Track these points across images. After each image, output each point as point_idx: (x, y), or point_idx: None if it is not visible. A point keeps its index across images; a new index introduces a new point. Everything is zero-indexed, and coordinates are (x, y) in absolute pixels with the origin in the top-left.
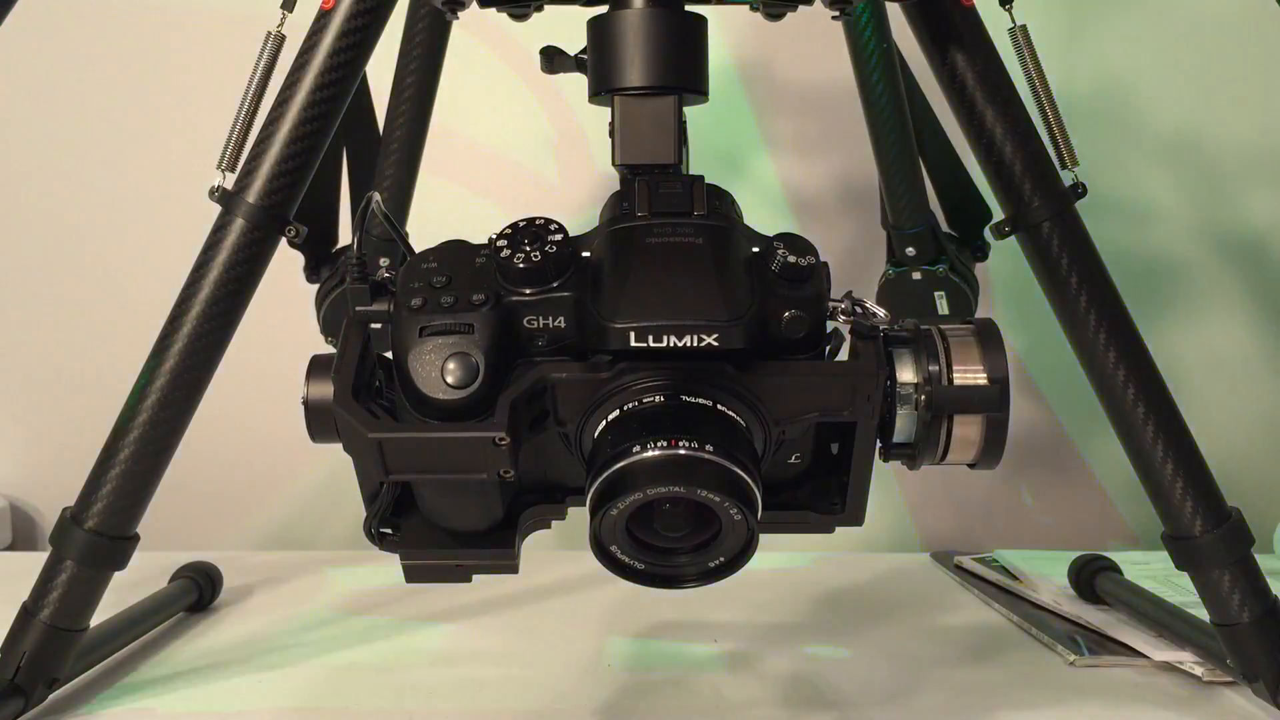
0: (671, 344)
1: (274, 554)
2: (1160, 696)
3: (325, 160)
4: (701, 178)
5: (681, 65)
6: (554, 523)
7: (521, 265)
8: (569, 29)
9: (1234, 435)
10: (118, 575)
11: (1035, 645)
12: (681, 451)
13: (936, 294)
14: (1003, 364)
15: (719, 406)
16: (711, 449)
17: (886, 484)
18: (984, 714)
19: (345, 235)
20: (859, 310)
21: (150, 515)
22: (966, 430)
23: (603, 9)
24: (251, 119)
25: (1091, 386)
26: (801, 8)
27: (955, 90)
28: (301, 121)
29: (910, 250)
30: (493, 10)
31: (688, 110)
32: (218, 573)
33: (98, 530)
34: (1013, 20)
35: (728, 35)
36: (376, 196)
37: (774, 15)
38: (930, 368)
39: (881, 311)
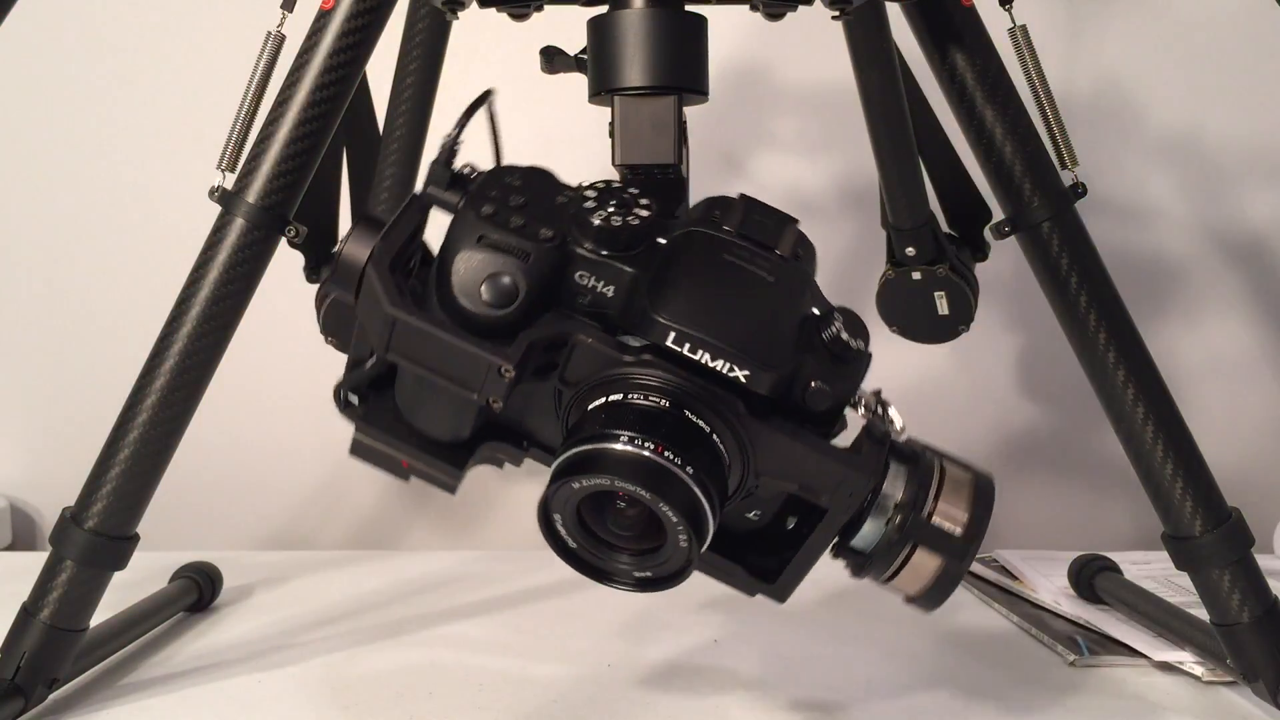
0: (703, 360)
1: (274, 554)
2: (1160, 696)
3: (325, 160)
4: (797, 222)
5: (681, 65)
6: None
7: (598, 223)
8: (569, 29)
9: (1234, 435)
10: (118, 575)
11: (1035, 645)
12: (662, 460)
13: (936, 294)
14: (983, 523)
15: (714, 436)
16: (691, 471)
17: None
18: (984, 714)
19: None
20: (879, 411)
21: (150, 515)
22: (922, 565)
23: (603, 9)
24: (251, 119)
25: (1091, 386)
26: (801, 8)
27: (955, 90)
28: (301, 121)
29: (910, 250)
30: (493, 10)
31: (688, 110)
32: (218, 573)
33: (98, 530)
34: (1013, 20)
35: (728, 35)
36: (494, 93)
37: (774, 15)
38: (918, 494)
39: (900, 422)
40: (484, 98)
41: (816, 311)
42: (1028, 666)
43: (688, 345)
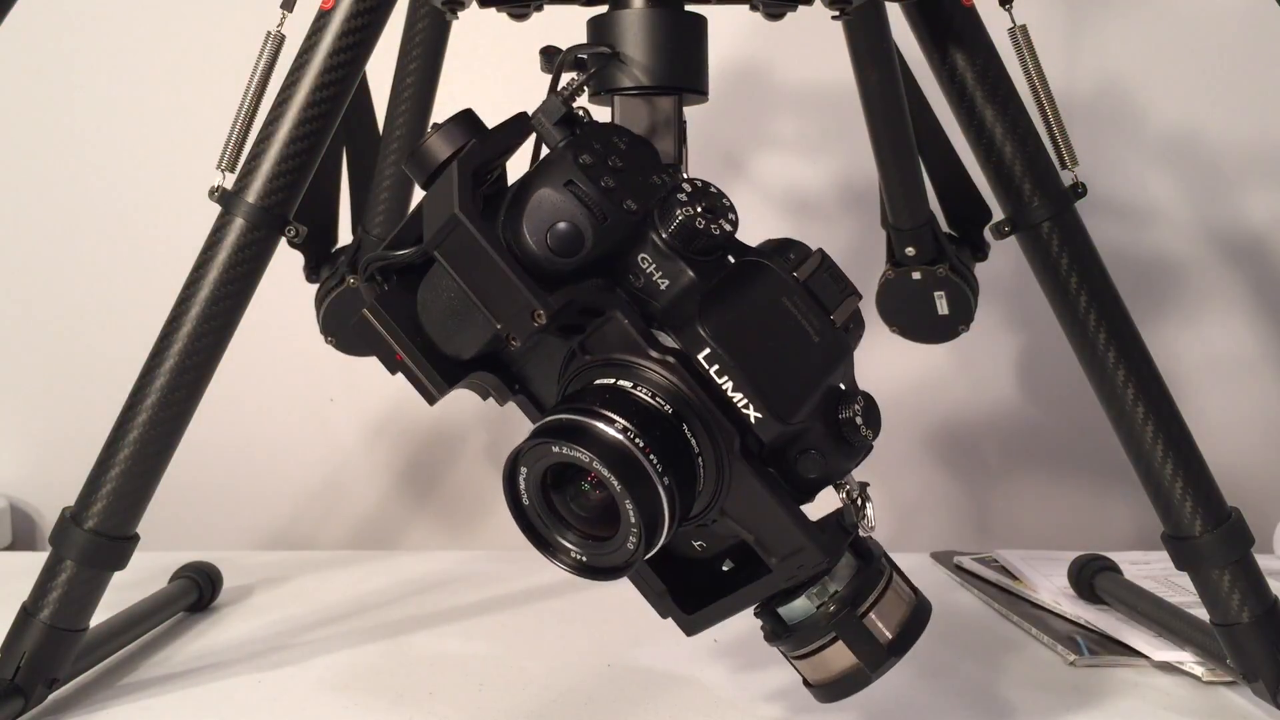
0: (725, 386)
1: (274, 554)
2: (1160, 696)
3: (325, 160)
4: (860, 296)
5: (681, 65)
6: None
7: (681, 218)
8: (569, 29)
9: (1234, 435)
10: (118, 575)
11: (1035, 645)
12: (645, 461)
13: (936, 294)
14: (909, 642)
15: (700, 458)
16: (666, 482)
17: (887, 484)
18: (984, 714)
19: (345, 235)
20: (858, 502)
21: (150, 515)
22: (835, 658)
23: (603, 9)
24: (251, 119)
25: (1091, 386)
26: (801, 8)
27: (955, 90)
28: (301, 121)
29: (910, 250)
30: (492, 10)
31: (688, 110)
32: (218, 573)
33: (98, 530)
34: (1013, 20)
35: (728, 35)
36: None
37: (774, 15)
38: (860, 590)
39: (872, 520)
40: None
41: (843, 387)
42: (1028, 666)
43: (716, 366)
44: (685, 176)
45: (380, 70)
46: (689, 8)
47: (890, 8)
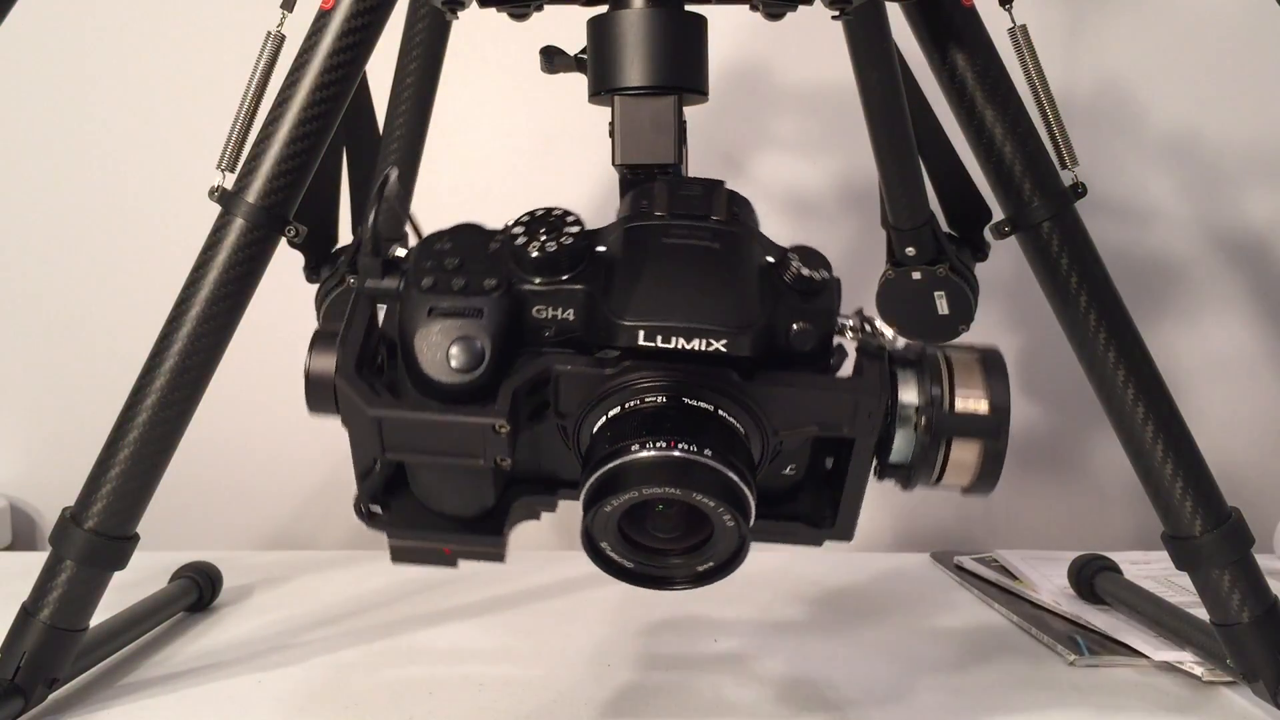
0: (679, 346)
1: (274, 554)
2: (1160, 696)
3: (325, 160)
4: (722, 183)
5: (681, 65)
6: (554, 524)
7: (535, 255)
8: (569, 29)
9: (1234, 435)
10: (118, 575)
11: (1035, 645)
12: (678, 454)
13: (936, 294)
14: (1005, 392)
15: (720, 412)
16: (710, 454)
17: (887, 484)
18: (984, 714)
19: (345, 235)
20: (867, 328)
21: (150, 515)
22: (964, 455)
23: (603, 9)
24: (251, 119)
25: (1091, 386)
26: (801, 8)
27: (955, 90)
28: (301, 121)
29: (910, 250)
30: (492, 10)
31: (687, 110)
32: (218, 573)
33: (98, 530)
34: (1013, 20)
35: (728, 35)
36: (394, 173)
37: (774, 15)
38: (933, 391)
39: (890, 331)
40: (383, 182)
41: (771, 259)
42: (1028, 666)
43: (660, 337)
44: (510, 221)
45: (380, 70)
46: (689, 8)
47: (890, 8)
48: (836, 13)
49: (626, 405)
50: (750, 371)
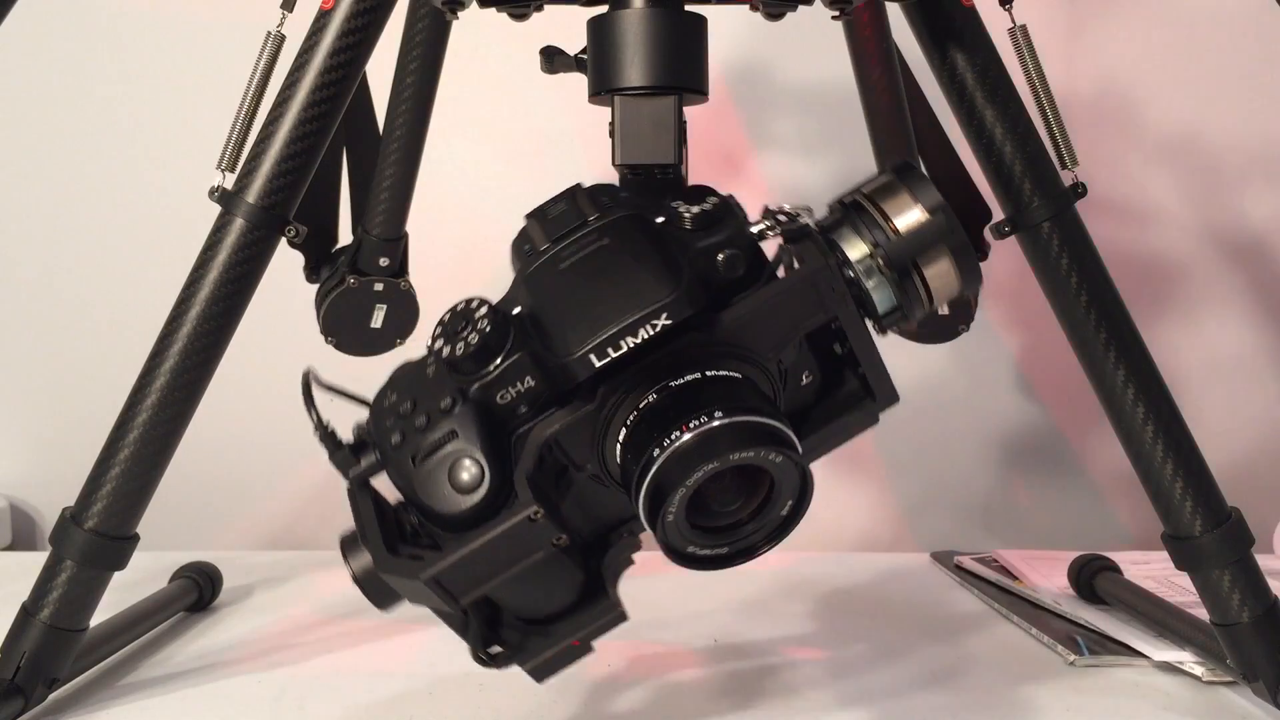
0: (631, 344)
1: (274, 554)
2: (1160, 696)
3: (325, 160)
4: (579, 185)
5: (681, 65)
6: None
7: (466, 352)
8: (569, 29)
9: (1234, 435)
10: (118, 575)
11: (1035, 645)
12: (697, 431)
13: None
14: (934, 194)
15: (708, 373)
16: (721, 413)
17: (887, 484)
18: (983, 714)
19: (345, 235)
20: (782, 219)
21: (150, 515)
22: (937, 267)
23: (603, 9)
24: (251, 119)
25: (1092, 386)
26: (801, 8)
27: (955, 90)
28: (301, 121)
29: None
30: (493, 10)
31: (687, 110)
32: (218, 573)
33: (98, 530)
34: (1013, 20)
35: (728, 35)
36: (313, 371)
37: (774, 15)
38: (873, 232)
39: (804, 209)
40: (305, 381)
41: (661, 218)
42: (1028, 666)
43: (610, 349)
44: (428, 341)
45: (380, 70)
46: (689, 8)
47: (890, 8)
48: (836, 13)
49: (629, 422)
50: (708, 322)
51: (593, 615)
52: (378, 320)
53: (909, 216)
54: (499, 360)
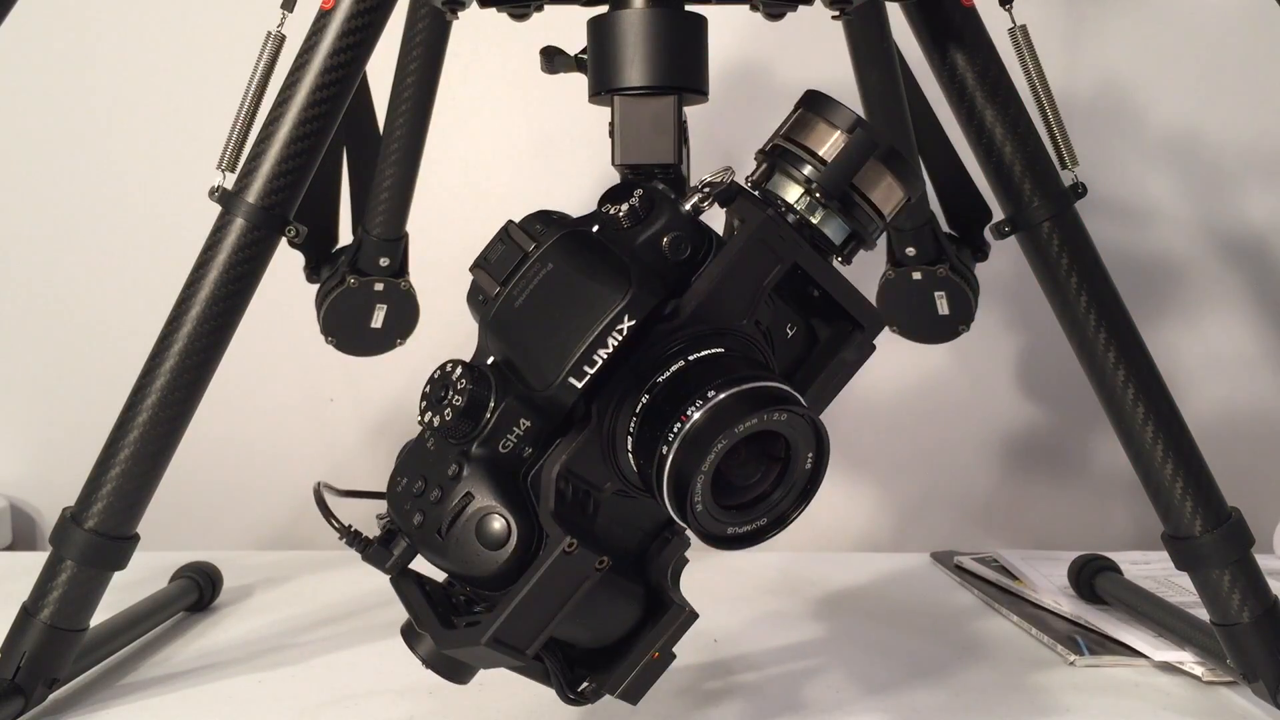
0: (604, 356)
1: (274, 554)
2: (1160, 696)
3: (325, 160)
4: (510, 221)
5: (681, 65)
6: None
7: (455, 417)
8: (569, 29)
9: (1234, 435)
10: (118, 575)
11: (1035, 645)
12: (695, 419)
13: (936, 294)
14: (848, 114)
15: (690, 358)
16: (714, 392)
17: (887, 484)
18: (984, 714)
19: (345, 235)
20: (708, 190)
21: (150, 515)
22: (873, 179)
23: (603, 9)
24: (252, 119)
25: (1091, 386)
26: (801, 8)
27: (955, 90)
28: (302, 121)
29: (910, 250)
30: (493, 10)
31: (688, 110)
32: (218, 573)
33: (98, 530)
34: (1013, 20)
35: (728, 35)
36: (323, 483)
37: (774, 15)
38: (800, 169)
39: (722, 173)
40: (317, 494)
41: (595, 227)
42: (1028, 666)
43: (586, 368)
44: (418, 416)
45: (380, 70)
46: (689, 8)
47: (890, 8)
48: (836, 13)
49: (631, 429)
50: (673, 309)
51: (664, 625)
52: (378, 320)
53: (830, 143)
54: (489, 413)
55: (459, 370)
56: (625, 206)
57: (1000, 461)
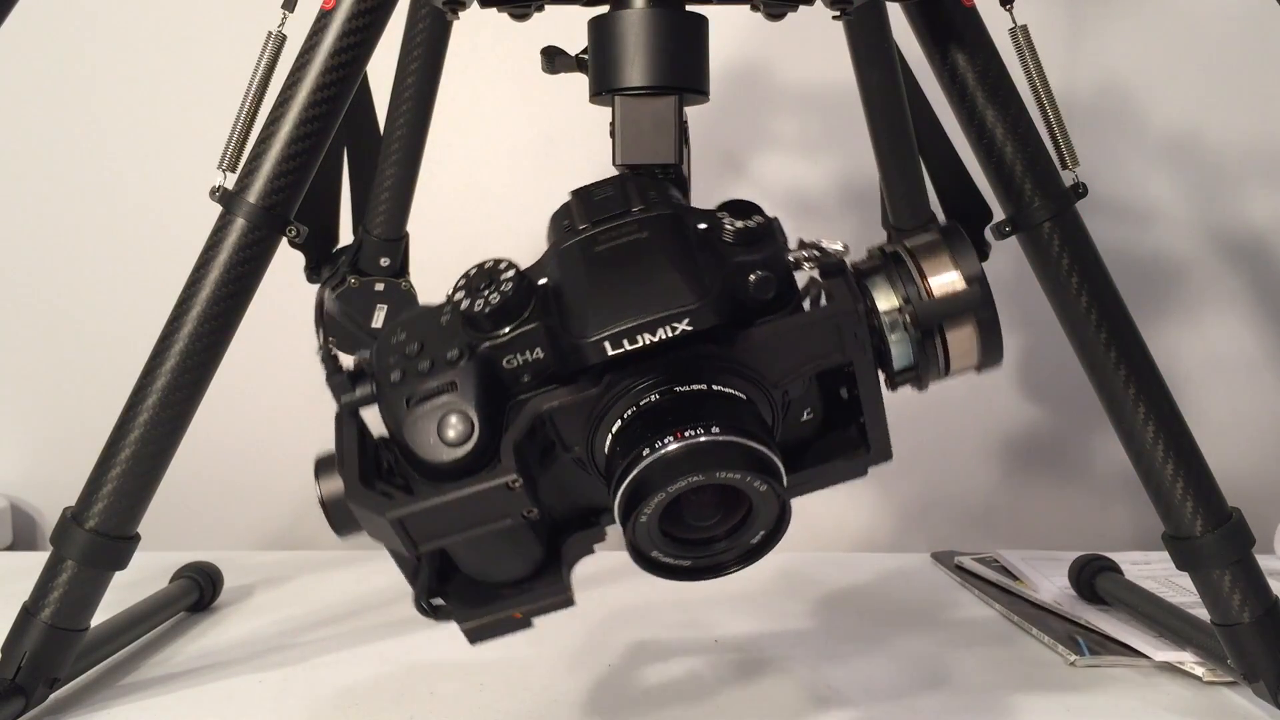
0: (648, 341)
1: (274, 554)
2: (1160, 696)
3: (326, 160)
4: (630, 173)
5: (682, 65)
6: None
7: (484, 310)
8: (569, 29)
9: (1234, 435)
10: (118, 575)
11: (1035, 645)
12: (690, 441)
13: None
14: (975, 263)
15: (714, 387)
16: (718, 429)
17: (887, 484)
18: (984, 714)
19: (345, 235)
20: (819, 252)
21: (150, 515)
22: (960, 336)
23: (603, 9)
24: (252, 119)
25: (1092, 387)
26: (802, 8)
27: (955, 90)
28: (302, 121)
29: None
30: (493, 10)
31: (688, 110)
32: (218, 573)
33: (98, 530)
34: (1013, 20)
35: (728, 35)
36: (329, 294)
37: (774, 15)
38: (907, 287)
39: (840, 244)
40: (319, 301)
41: (704, 225)
42: (1028, 666)
43: (626, 341)
44: (449, 291)
45: (381, 70)
46: (689, 8)
47: (891, 8)
48: (837, 13)
49: (625, 415)
50: (727, 337)
51: (541, 593)
52: (378, 320)
53: (946, 280)
54: (514, 325)
55: (510, 272)
56: (740, 224)
57: (1001, 462)
